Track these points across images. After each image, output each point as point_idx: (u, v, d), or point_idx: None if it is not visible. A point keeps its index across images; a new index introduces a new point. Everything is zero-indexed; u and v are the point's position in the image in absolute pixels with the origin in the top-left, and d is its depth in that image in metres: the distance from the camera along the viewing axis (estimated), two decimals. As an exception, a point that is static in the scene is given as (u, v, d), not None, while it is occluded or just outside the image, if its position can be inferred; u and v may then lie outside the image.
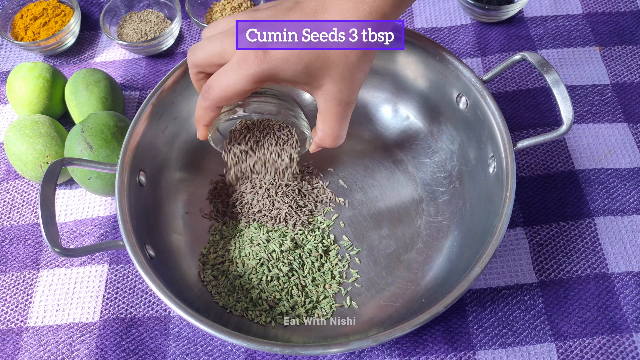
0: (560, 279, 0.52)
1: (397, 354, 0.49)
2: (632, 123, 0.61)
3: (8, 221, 0.59)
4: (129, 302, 0.53)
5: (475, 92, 0.51)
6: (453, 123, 0.55)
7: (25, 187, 0.61)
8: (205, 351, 0.50)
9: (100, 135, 0.54)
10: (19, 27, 0.69)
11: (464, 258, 0.48)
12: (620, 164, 0.58)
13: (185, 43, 0.72)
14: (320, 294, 0.51)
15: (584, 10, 0.70)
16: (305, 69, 0.39)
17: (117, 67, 0.70)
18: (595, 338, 0.49)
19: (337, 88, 0.40)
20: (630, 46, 0.67)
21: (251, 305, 0.50)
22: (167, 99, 0.53)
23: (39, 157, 0.57)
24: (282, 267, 0.51)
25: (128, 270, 0.55)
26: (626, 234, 0.54)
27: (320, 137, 0.45)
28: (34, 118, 0.59)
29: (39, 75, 0.61)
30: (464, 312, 0.51)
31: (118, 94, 0.63)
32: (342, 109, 0.42)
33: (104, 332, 0.52)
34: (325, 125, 0.43)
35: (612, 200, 0.56)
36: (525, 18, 0.70)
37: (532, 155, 0.60)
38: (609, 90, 0.64)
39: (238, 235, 0.54)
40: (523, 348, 0.49)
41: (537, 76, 0.65)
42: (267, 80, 0.40)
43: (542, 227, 0.55)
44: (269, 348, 0.40)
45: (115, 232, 0.57)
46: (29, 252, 0.57)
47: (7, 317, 0.53)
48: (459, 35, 0.69)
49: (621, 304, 0.51)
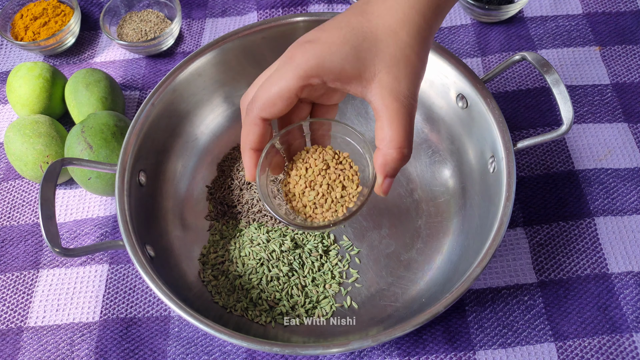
0: (560, 279, 0.52)
1: (397, 354, 0.49)
2: (632, 123, 0.61)
3: (8, 221, 0.59)
4: (129, 302, 0.53)
5: (475, 92, 0.51)
6: (453, 123, 0.55)
7: (25, 187, 0.61)
8: (205, 351, 0.50)
9: (100, 135, 0.54)
10: (19, 27, 0.69)
11: (464, 258, 0.48)
12: (620, 164, 0.58)
13: (185, 43, 0.71)
14: (320, 294, 0.51)
15: (584, 10, 0.70)
16: (353, 51, 0.35)
17: (117, 67, 0.70)
18: (595, 338, 0.49)
19: (392, 76, 0.35)
20: (630, 46, 0.67)
21: (251, 305, 0.50)
22: (167, 99, 0.53)
23: (39, 157, 0.57)
24: (282, 267, 0.51)
25: (128, 270, 0.55)
26: (626, 234, 0.54)
27: (384, 151, 0.36)
28: (34, 118, 0.59)
29: (39, 75, 0.61)
30: (464, 312, 0.51)
31: (118, 93, 0.63)
32: (402, 105, 0.35)
33: (104, 332, 0.52)
34: (386, 130, 0.35)
35: (612, 200, 0.56)
36: (525, 18, 0.70)
37: (532, 155, 0.60)
38: (609, 90, 0.64)
39: (238, 235, 0.54)
40: (523, 348, 0.49)
41: (537, 76, 0.65)
42: (314, 75, 0.35)
43: (542, 227, 0.55)
44: (269, 348, 0.40)
45: (115, 232, 0.57)
46: (29, 252, 0.57)
47: (7, 317, 0.53)
48: (459, 35, 0.69)
49: (621, 304, 0.51)
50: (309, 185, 0.42)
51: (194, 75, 0.54)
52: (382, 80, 0.35)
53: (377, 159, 0.36)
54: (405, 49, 0.35)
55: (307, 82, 0.35)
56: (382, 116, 0.35)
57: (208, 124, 0.58)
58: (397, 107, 0.35)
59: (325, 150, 0.43)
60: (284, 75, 0.36)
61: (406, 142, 0.36)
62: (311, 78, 0.35)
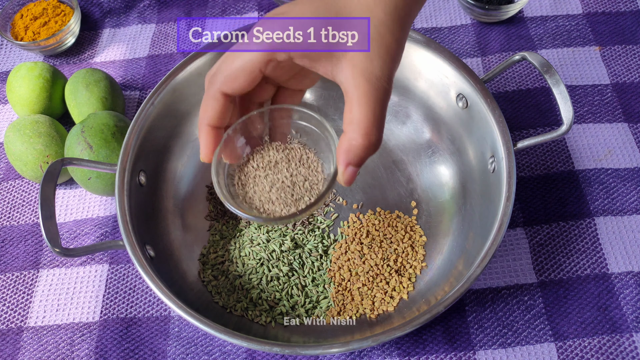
0: (560, 279, 0.52)
1: (397, 354, 0.49)
2: (632, 123, 0.61)
3: (8, 221, 0.59)
4: (129, 302, 0.53)
5: (475, 92, 0.51)
6: (453, 123, 0.55)
7: (25, 187, 0.61)
8: (205, 351, 0.50)
9: (100, 135, 0.54)
10: (19, 27, 0.69)
11: (464, 258, 0.48)
12: (620, 164, 0.58)
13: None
14: (320, 294, 0.51)
15: (584, 10, 0.70)
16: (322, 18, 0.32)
17: (117, 67, 0.70)
18: (595, 338, 0.49)
19: (364, 55, 0.32)
20: (630, 46, 0.67)
21: (251, 305, 0.50)
22: (167, 99, 0.53)
23: (39, 157, 0.57)
24: (282, 267, 0.51)
25: (128, 270, 0.55)
26: (626, 234, 0.54)
27: (349, 135, 0.32)
28: (34, 118, 0.59)
29: (39, 75, 0.61)
30: (464, 312, 0.51)
31: (118, 93, 0.63)
32: (374, 87, 0.32)
33: (104, 332, 0.52)
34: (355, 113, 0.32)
35: (612, 200, 0.56)
36: (525, 18, 0.70)
37: (532, 155, 0.60)
38: (609, 90, 0.64)
39: (238, 235, 0.54)
40: (523, 348, 0.49)
41: (537, 76, 0.65)
42: (280, 47, 0.32)
43: (542, 227, 0.55)
44: (269, 348, 0.40)
45: (115, 232, 0.57)
46: (29, 252, 0.57)
47: (7, 317, 0.53)
48: (459, 35, 0.69)
49: (621, 304, 0.51)
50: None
51: (194, 75, 0.54)
52: (354, 59, 0.32)
53: (341, 144, 0.33)
54: (380, 27, 0.32)
55: (273, 57, 0.33)
56: (351, 97, 0.32)
57: (208, 124, 0.58)
58: (368, 88, 0.32)
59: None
60: (248, 48, 0.33)
61: (374, 129, 0.32)
62: (277, 52, 0.32)
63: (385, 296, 0.49)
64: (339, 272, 0.51)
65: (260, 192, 0.40)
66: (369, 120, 0.32)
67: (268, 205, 0.39)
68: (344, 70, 0.33)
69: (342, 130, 0.33)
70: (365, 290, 0.50)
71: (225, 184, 0.39)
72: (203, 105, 0.36)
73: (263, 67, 0.33)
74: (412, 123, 0.59)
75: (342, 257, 0.52)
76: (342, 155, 0.33)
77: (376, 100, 0.32)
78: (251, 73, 0.33)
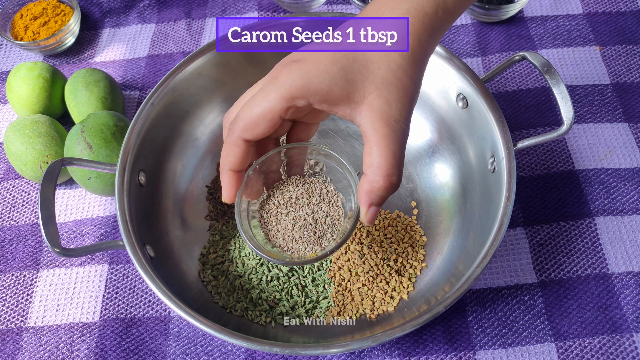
0: (560, 279, 0.52)
1: (397, 354, 0.49)
2: (632, 123, 0.61)
3: (8, 221, 0.59)
4: (128, 302, 0.53)
5: (475, 92, 0.51)
6: (453, 123, 0.55)
7: (25, 187, 0.61)
8: (205, 351, 0.50)
9: (100, 135, 0.54)
10: (19, 26, 0.69)
11: (464, 258, 0.48)
12: (620, 163, 0.58)
13: (185, 43, 0.71)
14: (320, 294, 0.51)
15: (584, 10, 0.70)
16: (342, 72, 0.33)
17: (117, 67, 0.70)
18: (595, 338, 0.49)
19: (383, 99, 0.33)
20: (630, 46, 0.67)
21: (251, 305, 0.50)
22: (167, 99, 0.53)
23: (39, 157, 0.57)
24: (282, 267, 0.51)
25: (128, 270, 0.55)
26: (626, 234, 0.54)
27: (370, 177, 0.34)
28: (34, 118, 0.58)
29: (39, 75, 0.61)
30: (464, 312, 0.51)
31: (118, 93, 0.63)
32: (393, 130, 0.33)
33: (104, 332, 0.52)
34: (374, 156, 0.33)
35: (612, 200, 0.56)
36: (525, 18, 0.70)
37: (532, 155, 0.60)
38: (609, 90, 0.64)
39: (238, 235, 0.53)
40: (523, 348, 0.49)
41: (537, 76, 0.65)
42: (299, 96, 0.33)
43: (542, 227, 0.55)
44: (269, 348, 0.40)
45: (115, 232, 0.57)
46: (29, 252, 0.57)
47: (7, 317, 0.53)
48: (459, 35, 0.69)
49: (621, 304, 0.51)
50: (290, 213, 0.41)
51: (194, 75, 0.54)
52: (372, 103, 0.33)
53: (362, 185, 0.34)
54: (398, 72, 0.34)
55: (292, 104, 0.34)
56: (370, 141, 0.33)
57: (208, 123, 0.58)
58: (387, 131, 0.33)
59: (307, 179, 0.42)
60: (268, 96, 0.34)
61: (395, 170, 0.34)
62: (296, 99, 0.33)
63: (385, 296, 0.49)
64: (339, 272, 0.51)
65: (284, 231, 0.41)
66: (389, 163, 0.33)
67: (292, 243, 0.40)
68: (363, 114, 0.34)
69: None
70: (365, 291, 0.50)
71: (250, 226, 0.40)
72: (224, 152, 0.37)
73: (283, 114, 0.34)
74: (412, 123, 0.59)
75: (342, 257, 0.52)
76: (365, 196, 0.34)
77: (395, 142, 0.33)
78: (271, 120, 0.34)
